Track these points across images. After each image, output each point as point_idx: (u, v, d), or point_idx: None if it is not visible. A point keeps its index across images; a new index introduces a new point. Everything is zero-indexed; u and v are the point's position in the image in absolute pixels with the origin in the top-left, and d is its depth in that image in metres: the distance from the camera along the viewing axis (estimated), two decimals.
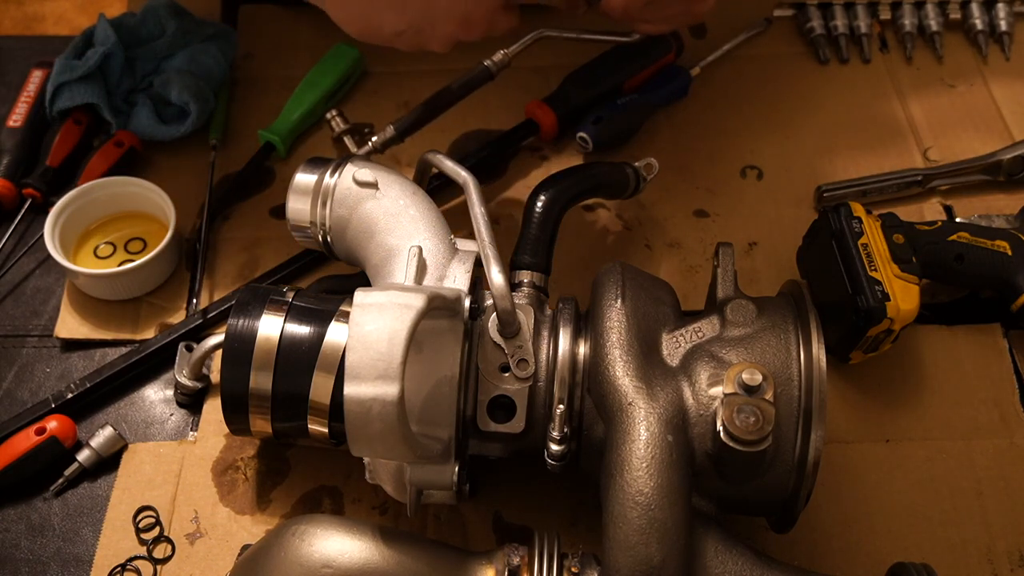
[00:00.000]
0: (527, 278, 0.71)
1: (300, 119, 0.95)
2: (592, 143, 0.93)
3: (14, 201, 0.91)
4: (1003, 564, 0.72)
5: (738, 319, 0.65)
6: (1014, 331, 0.83)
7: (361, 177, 0.71)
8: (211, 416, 0.79)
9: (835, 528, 0.74)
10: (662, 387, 0.62)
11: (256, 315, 0.68)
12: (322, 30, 1.03)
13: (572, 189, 0.77)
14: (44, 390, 0.81)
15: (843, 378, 0.80)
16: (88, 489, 0.76)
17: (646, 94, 0.95)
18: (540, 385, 0.65)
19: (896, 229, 0.79)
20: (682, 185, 0.93)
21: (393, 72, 1.02)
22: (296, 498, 0.75)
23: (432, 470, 0.63)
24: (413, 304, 0.57)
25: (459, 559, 0.62)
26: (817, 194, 0.91)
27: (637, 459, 0.58)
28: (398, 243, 0.68)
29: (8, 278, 0.88)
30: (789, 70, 1.03)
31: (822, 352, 0.62)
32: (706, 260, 0.88)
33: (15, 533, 0.74)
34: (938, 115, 0.99)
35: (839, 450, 0.77)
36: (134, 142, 0.93)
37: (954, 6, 1.05)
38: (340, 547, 0.60)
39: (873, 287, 0.74)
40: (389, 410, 0.55)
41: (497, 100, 0.97)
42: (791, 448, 0.62)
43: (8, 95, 0.98)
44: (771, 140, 0.97)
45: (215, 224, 0.90)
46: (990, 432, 0.78)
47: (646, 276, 0.69)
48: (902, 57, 1.03)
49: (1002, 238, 0.81)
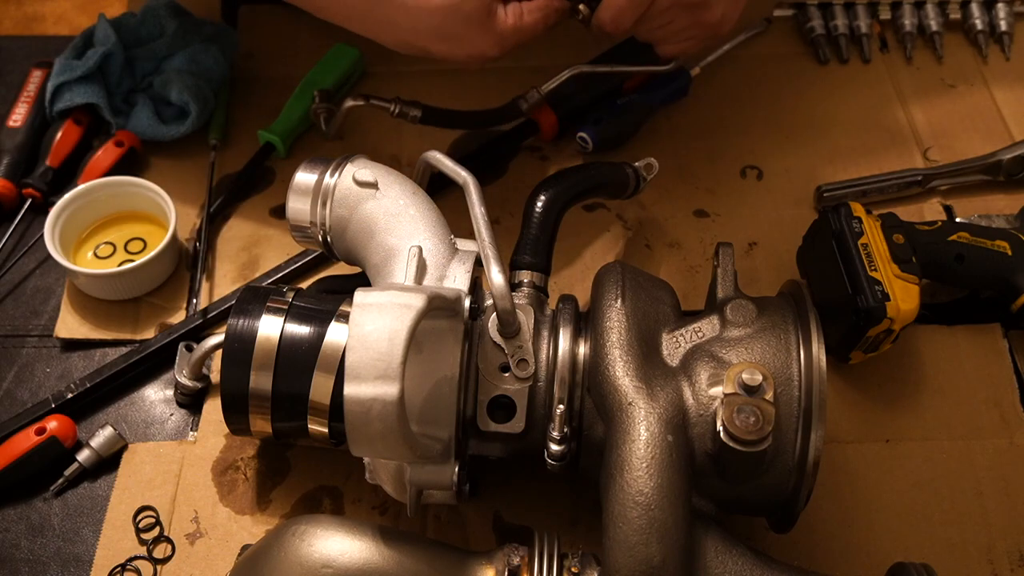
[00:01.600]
0: (527, 278, 0.71)
1: (300, 119, 0.95)
2: (592, 143, 0.93)
3: (14, 201, 0.91)
4: (1003, 564, 0.72)
5: (738, 319, 0.65)
6: (1014, 331, 0.83)
7: (361, 177, 0.71)
8: (211, 416, 0.79)
9: (835, 528, 0.74)
10: (662, 387, 0.62)
11: (256, 315, 0.68)
12: (322, 30, 1.03)
13: (572, 189, 0.77)
14: (44, 390, 0.81)
15: (843, 378, 0.80)
16: (88, 489, 0.76)
17: (646, 94, 0.95)
18: (540, 385, 0.65)
19: (896, 229, 0.79)
20: (682, 185, 0.93)
21: (393, 72, 1.02)
22: (296, 498, 0.75)
23: (432, 470, 0.63)
24: (413, 304, 0.57)
25: (459, 559, 0.62)
26: (817, 194, 0.91)
27: (637, 459, 0.58)
28: (398, 243, 0.68)
29: (8, 278, 0.88)
30: (789, 70, 1.03)
31: (822, 352, 0.62)
32: (706, 260, 0.88)
33: (15, 533, 0.74)
34: (938, 115, 0.99)
35: (839, 450, 0.77)
36: (134, 142, 0.93)
37: (954, 6, 1.05)
38: (340, 547, 0.60)
39: (873, 287, 0.74)
40: (389, 410, 0.55)
41: (497, 100, 0.97)
42: (791, 448, 0.62)
43: (8, 95, 0.98)
44: (771, 140, 0.97)
45: (215, 224, 0.90)
46: (990, 432, 0.78)
47: (646, 276, 0.69)
48: (902, 57, 1.03)
49: (1002, 238, 0.81)
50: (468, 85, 1.00)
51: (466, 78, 1.01)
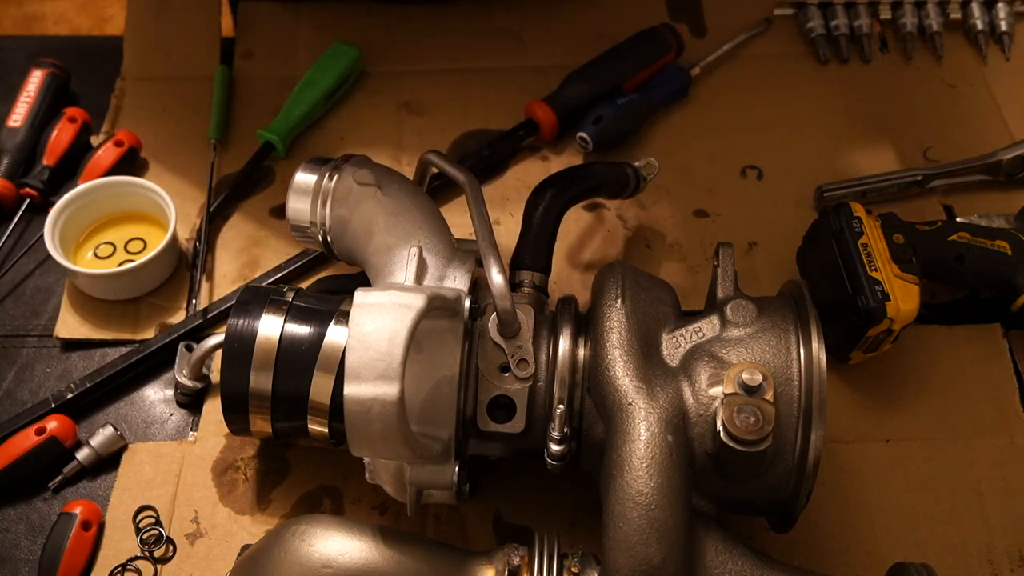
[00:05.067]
0: (527, 278, 0.71)
1: (299, 118, 0.95)
2: (592, 143, 0.93)
3: (13, 201, 0.91)
4: (1003, 564, 0.72)
5: (738, 319, 0.65)
6: (1014, 331, 0.83)
7: (361, 177, 0.71)
8: (211, 416, 0.79)
9: (835, 528, 0.74)
10: (662, 387, 0.62)
11: (256, 315, 0.68)
12: (322, 29, 1.03)
13: (572, 189, 0.77)
14: (44, 390, 0.81)
15: (843, 378, 0.80)
16: (88, 489, 0.76)
17: (646, 94, 0.95)
18: (540, 385, 0.65)
19: (896, 229, 0.79)
20: (682, 185, 0.93)
21: (393, 72, 1.02)
22: (296, 498, 0.75)
23: (432, 470, 0.63)
24: (413, 304, 0.57)
25: (459, 559, 0.62)
26: (817, 194, 0.91)
27: (637, 459, 0.58)
28: (398, 243, 0.68)
29: (8, 278, 0.88)
30: (789, 70, 1.03)
31: (822, 352, 0.62)
32: (706, 260, 0.88)
33: (15, 533, 0.74)
34: (938, 115, 0.99)
35: (839, 450, 0.77)
36: (134, 142, 0.93)
37: (954, 6, 1.04)
38: (340, 547, 0.60)
39: (873, 287, 0.74)
40: (389, 410, 0.55)
41: (497, 100, 0.97)
42: (791, 448, 0.62)
43: (8, 95, 0.98)
44: (771, 140, 0.97)
45: (215, 224, 0.90)
46: (990, 432, 0.78)
47: (646, 276, 0.69)
48: (902, 57, 1.03)
49: (1002, 238, 0.81)
50: (468, 85, 1.00)
51: (466, 78, 1.01)
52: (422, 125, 0.98)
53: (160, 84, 1.01)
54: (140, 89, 1.00)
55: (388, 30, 1.04)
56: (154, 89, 1.00)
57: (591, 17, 1.05)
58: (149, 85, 1.01)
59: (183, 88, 1.00)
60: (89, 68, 1.02)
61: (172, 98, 1.00)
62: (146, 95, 1.00)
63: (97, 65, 1.02)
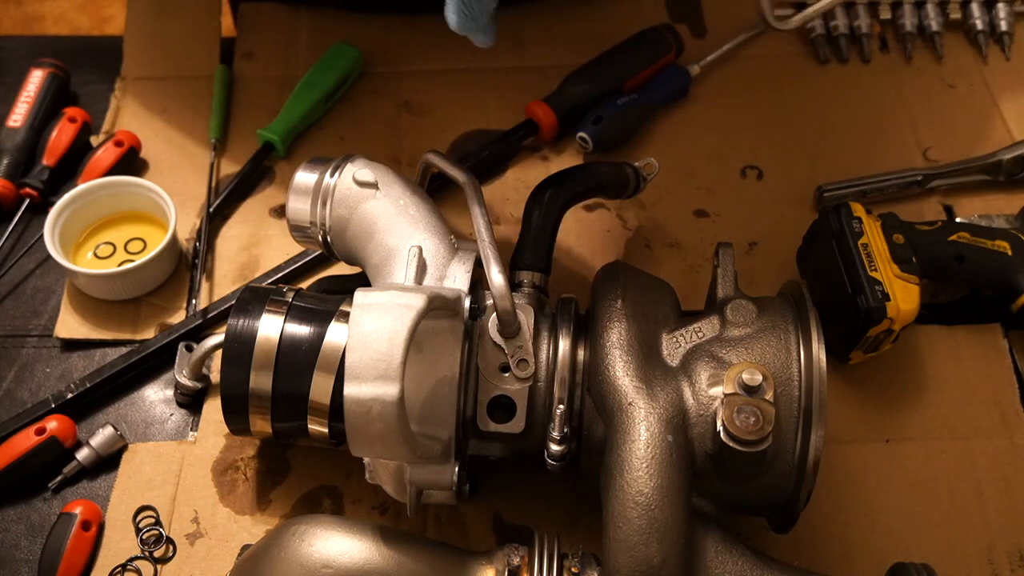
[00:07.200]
0: (527, 278, 0.71)
1: (300, 118, 0.95)
2: (592, 143, 0.93)
3: (13, 201, 0.91)
4: (1003, 564, 0.72)
5: (738, 319, 0.65)
6: (1014, 331, 0.83)
7: (361, 177, 0.71)
8: (211, 416, 0.79)
9: (835, 528, 0.74)
10: (662, 387, 0.62)
11: (256, 315, 0.68)
12: (322, 29, 1.03)
13: (572, 189, 0.77)
14: (44, 390, 0.81)
15: (843, 378, 0.80)
16: (88, 489, 0.76)
17: (646, 94, 0.95)
18: (540, 385, 0.65)
19: (896, 229, 0.79)
20: (682, 185, 0.93)
21: (393, 72, 1.02)
22: (296, 498, 0.75)
23: (432, 470, 0.63)
24: (413, 304, 0.57)
25: (459, 559, 0.62)
26: (817, 194, 0.91)
27: (637, 459, 0.58)
28: (398, 243, 0.68)
29: (8, 278, 0.88)
30: (789, 70, 1.03)
31: (822, 352, 0.62)
32: (706, 260, 0.88)
33: (15, 533, 0.73)
34: (938, 115, 0.99)
35: (839, 450, 0.77)
36: (134, 142, 0.93)
37: (954, 6, 1.04)
38: (340, 547, 0.60)
39: (873, 287, 0.74)
40: (389, 410, 0.55)
41: (497, 100, 0.97)
42: (791, 448, 0.62)
43: (8, 95, 0.98)
44: (771, 140, 0.97)
45: (215, 224, 0.90)
46: (990, 432, 0.78)
47: (646, 276, 0.69)
48: (902, 57, 1.03)
49: (1002, 238, 0.81)
50: (468, 85, 1.00)
51: (466, 78, 1.01)
52: (422, 125, 0.98)
53: (160, 84, 1.01)
54: (140, 89, 1.00)
55: (388, 30, 1.04)
56: (154, 89, 1.00)
57: (591, 17, 1.05)
58: (149, 85, 1.01)
59: (183, 88, 1.00)
60: (89, 68, 1.02)
61: (172, 98, 1.00)
62: (146, 95, 1.00)
63: (97, 65, 1.02)
